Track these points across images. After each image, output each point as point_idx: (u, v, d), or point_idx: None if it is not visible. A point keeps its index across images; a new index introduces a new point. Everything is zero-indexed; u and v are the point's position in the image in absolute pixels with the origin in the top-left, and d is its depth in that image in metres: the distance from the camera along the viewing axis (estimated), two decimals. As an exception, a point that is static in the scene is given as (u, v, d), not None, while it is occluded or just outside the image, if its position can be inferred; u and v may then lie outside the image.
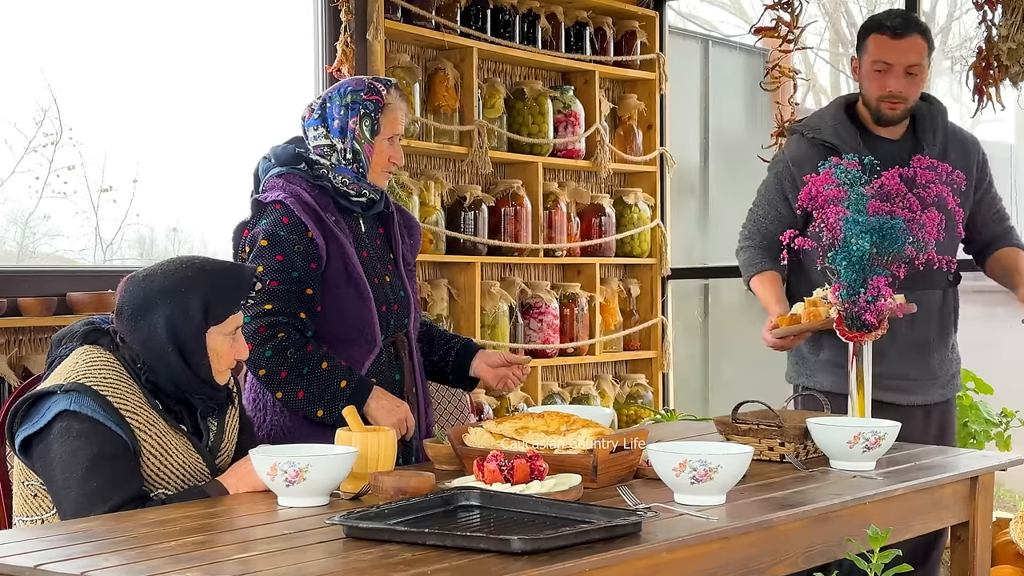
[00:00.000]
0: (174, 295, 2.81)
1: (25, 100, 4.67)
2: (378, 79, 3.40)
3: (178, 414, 2.88)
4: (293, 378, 3.20)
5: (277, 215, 3.26)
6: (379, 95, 3.33)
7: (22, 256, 4.87)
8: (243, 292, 2.91)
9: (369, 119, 3.32)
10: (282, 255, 3.23)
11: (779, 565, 2.60)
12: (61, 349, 2.91)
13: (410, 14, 5.27)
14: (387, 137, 3.35)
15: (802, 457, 3.14)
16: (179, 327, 2.81)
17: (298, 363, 3.20)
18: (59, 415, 2.71)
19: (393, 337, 3.40)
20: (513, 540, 2.14)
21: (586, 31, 6.08)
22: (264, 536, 2.37)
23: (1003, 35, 5.01)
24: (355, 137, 3.31)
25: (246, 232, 3.33)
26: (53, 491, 2.72)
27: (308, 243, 3.24)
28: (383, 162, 3.36)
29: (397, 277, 3.44)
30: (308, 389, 3.20)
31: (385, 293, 3.37)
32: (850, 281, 3.23)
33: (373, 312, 3.31)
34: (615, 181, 6.36)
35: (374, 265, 3.38)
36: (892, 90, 3.73)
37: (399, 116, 3.37)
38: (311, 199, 3.28)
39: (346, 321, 3.30)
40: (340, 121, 3.32)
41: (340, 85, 3.37)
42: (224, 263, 2.95)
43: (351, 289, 3.29)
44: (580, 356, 5.99)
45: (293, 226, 3.24)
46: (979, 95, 5.08)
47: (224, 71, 5.08)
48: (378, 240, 3.44)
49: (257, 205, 3.34)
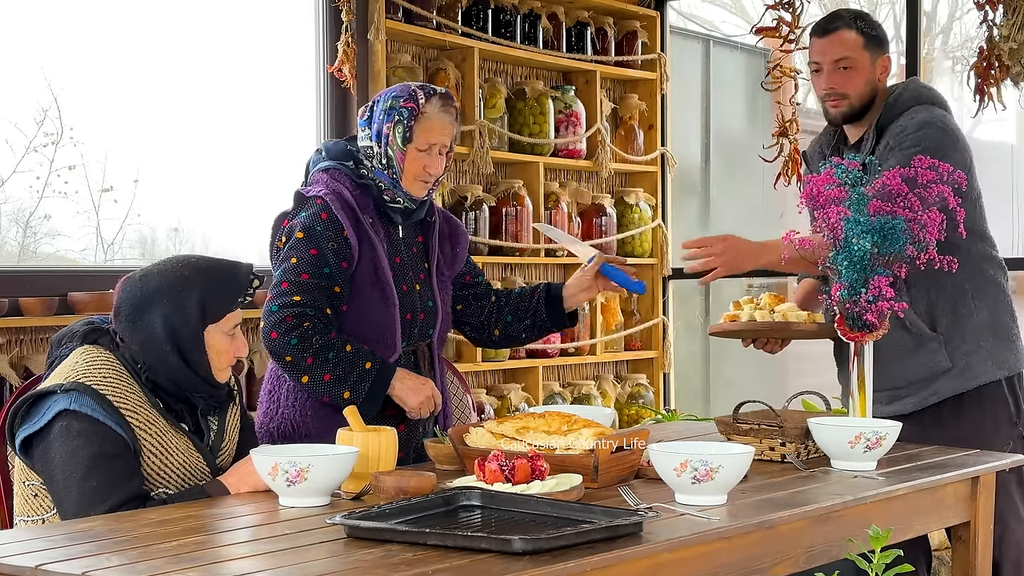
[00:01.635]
0: (171, 294, 2.82)
1: (26, 99, 4.67)
2: (425, 87, 3.35)
3: (179, 413, 2.88)
4: (319, 363, 3.22)
5: (316, 210, 3.28)
6: (416, 103, 3.30)
7: (23, 256, 4.87)
8: (240, 290, 2.91)
9: (402, 126, 3.29)
10: (316, 250, 3.25)
11: (780, 565, 2.60)
12: (61, 349, 2.92)
13: (411, 14, 5.27)
14: (421, 147, 3.30)
15: (803, 457, 3.14)
16: (176, 326, 2.81)
17: (323, 348, 3.22)
18: (59, 415, 2.71)
19: (415, 346, 3.41)
20: (514, 540, 2.14)
21: (587, 31, 6.08)
22: (265, 536, 2.37)
23: (1004, 35, 5.01)
24: (388, 143, 3.30)
25: (285, 222, 3.36)
26: (53, 491, 2.72)
27: (342, 241, 3.26)
28: (416, 171, 3.31)
29: (428, 287, 3.43)
30: (334, 372, 3.22)
31: (412, 301, 3.38)
32: (851, 281, 3.22)
33: (396, 318, 3.31)
34: (616, 181, 6.36)
35: (405, 272, 3.38)
36: (824, 87, 3.65)
37: (437, 127, 3.32)
38: (351, 198, 3.30)
39: (368, 323, 3.31)
40: (378, 125, 3.32)
41: (389, 89, 3.37)
42: (221, 261, 2.96)
43: (377, 292, 3.30)
44: (581, 356, 5.99)
45: (330, 222, 3.26)
46: (980, 95, 5.08)
47: (225, 71, 5.08)
48: (415, 248, 3.44)
49: (299, 197, 3.37)
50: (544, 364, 5.79)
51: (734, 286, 6.83)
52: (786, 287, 6.73)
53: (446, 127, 3.34)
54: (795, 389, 3.52)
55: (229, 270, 2.92)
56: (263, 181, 5.09)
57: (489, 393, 5.56)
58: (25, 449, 2.78)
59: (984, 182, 3.76)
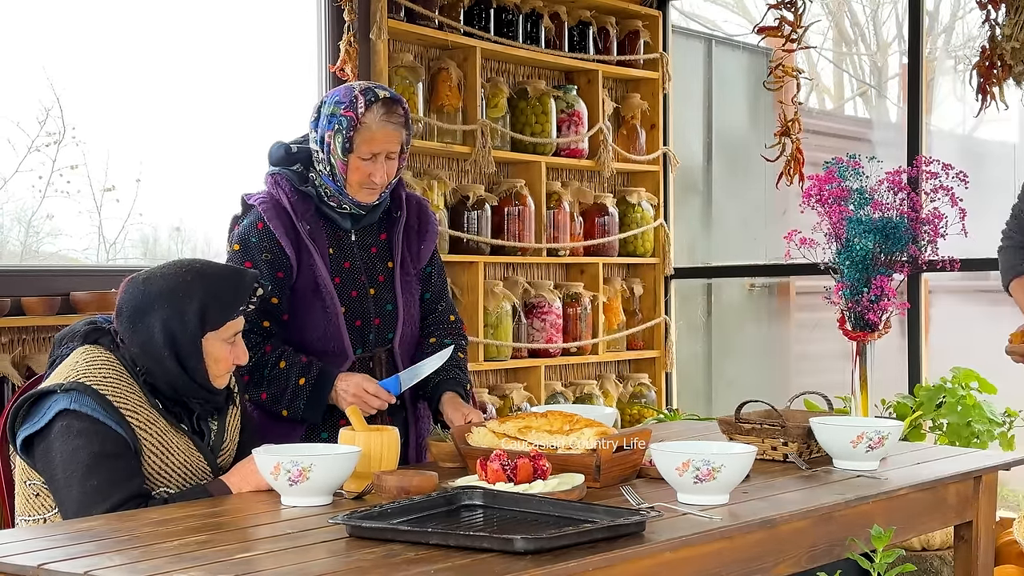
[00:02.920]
0: (171, 300, 2.81)
1: (28, 99, 4.67)
2: (368, 91, 3.20)
3: (178, 415, 2.88)
4: (255, 381, 3.20)
5: (253, 219, 3.24)
6: (355, 112, 3.16)
7: (25, 255, 4.87)
8: (241, 299, 2.89)
9: (341, 136, 3.18)
10: (251, 262, 3.21)
11: (782, 565, 2.60)
12: (63, 348, 2.92)
13: (413, 14, 5.27)
14: (364, 156, 3.18)
15: (805, 457, 3.14)
16: (175, 332, 2.81)
17: (258, 367, 3.19)
18: (59, 414, 2.72)
19: (372, 352, 3.33)
20: (516, 539, 2.14)
21: (589, 30, 6.07)
22: (267, 536, 2.37)
23: (1006, 34, 5.00)
24: (330, 151, 3.20)
25: (236, 227, 3.32)
26: (54, 490, 2.72)
27: (278, 251, 3.21)
28: (360, 179, 3.20)
29: (388, 289, 3.34)
30: (269, 390, 3.20)
31: (364, 307, 3.30)
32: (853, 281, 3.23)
33: (341, 326, 3.25)
34: (618, 181, 6.36)
35: (356, 277, 3.30)
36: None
37: (379, 136, 3.17)
38: (289, 205, 3.23)
39: (313, 333, 3.26)
40: (321, 131, 3.22)
41: (335, 91, 3.26)
42: (225, 268, 2.94)
43: (318, 302, 3.25)
44: (583, 356, 5.99)
45: (265, 232, 3.21)
46: (982, 95, 5.07)
47: (227, 70, 5.08)
48: (374, 248, 3.35)
49: (243, 202, 3.33)
50: (546, 363, 5.78)
51: (734, 286, 6.83)
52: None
53: (389, 135, 3.19)
54: (797, 389, 3.53)
55: (232, 278, 2.90)
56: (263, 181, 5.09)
57: (491, 392, 5.56)
58: (26, 448, 2.78)
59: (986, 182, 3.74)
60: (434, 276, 3.47)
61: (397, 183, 3.34)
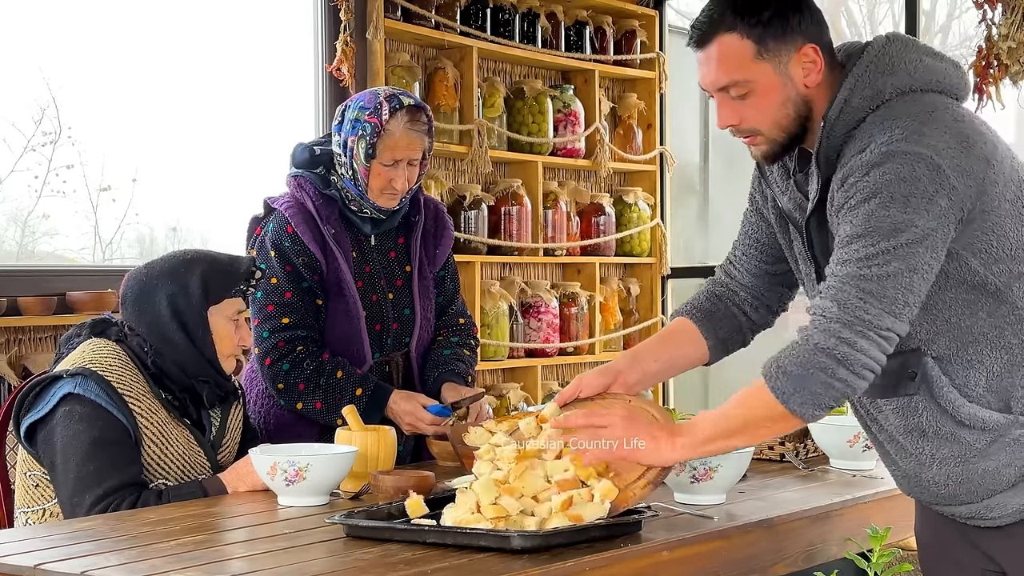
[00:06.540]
0: (174, 276, 2.90)
1: (24, 99, 4.67)
2: (393, 98, 3.21)
3: (183, 407, 2.90)
4: (310, 389, 3.19)
5: (281, 224, 3.25)
6: (379, 119, 3.18)
7: (21, 255, 4.87)
8: (240, 276, 2.96)
9: (365, 142, 3.19)
10: (290, 266, 3.22)
11: (779, 564, 2.60)
12: (70, 344, 2.97)
13: (410, 13, 5.27)
14: (386, 162, 3.20)
15: (802, 456, 3.14)
16: (181, 306, 2.88)
17: (315, 374, 3.19)
18: (64, 399, 2.77)
19: (388, 357, 3.34)
20: (513, 538, 2.14)
21: (586, 30, 6.07)
22: (264, 535, 2.37)
23: (1003, 34, 5.01)
24: (353, 156, 3.21)
25: (258, 230, 3.33)
26: (53, 474, 2.77)
27: (309, 254, 3.23)
28: (382, 184, 3.22)
29: (406, 294, 3.36)
30: (325, 399, 3.19)
31: (383, 311, 3.32)
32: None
33: (362, 330, 3.26)
34: (615, 180, 6.36)
35: (376, 281, 3.32)
36: (721, 124, 2.39)
37: (403, 143, 3.19)
38: (313, 208, 3.24)
39: (334, 335, 3.27)
40: (344, 135, 3.23)
41: (360, 95, 3.27)
42: (223, 254, 3.02)
43: (341, 305, 3.26)
44: (580, 355, 5.99)
45: (295, 236, 3.23)
46: (979, 94, 5.08)
47: (224, 70, 5.08)
48: (392, 252, 3.37)
49: (266, 205, 3.34)
50: (543, 363, 5.78)
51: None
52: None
53: (413, 142, 3.21)
54: (794, 388, 3.52)
55: (230, 257, 3.00)
56: (261, 180, 5.09)
57: (488, 392, 5.56)
58: (29, 436, 2.82)
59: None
60: (447, 280, 3.51)
61: (417, 188, 3.36)
